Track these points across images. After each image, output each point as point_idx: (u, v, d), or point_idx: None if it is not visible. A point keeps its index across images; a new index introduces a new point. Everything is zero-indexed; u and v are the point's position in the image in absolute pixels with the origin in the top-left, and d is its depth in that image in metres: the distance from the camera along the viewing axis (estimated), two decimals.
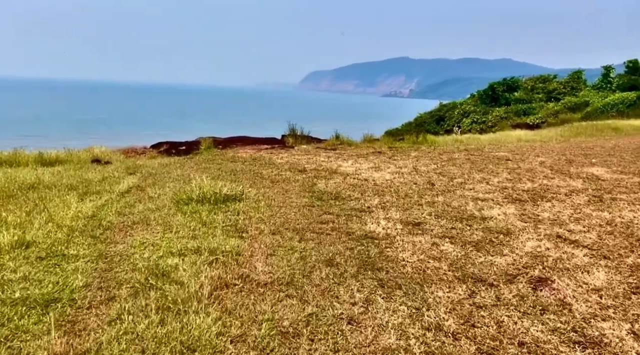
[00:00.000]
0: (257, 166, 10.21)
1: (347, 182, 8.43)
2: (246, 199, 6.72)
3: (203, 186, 6.79)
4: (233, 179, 8.47)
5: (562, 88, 36.55)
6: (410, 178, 8.91)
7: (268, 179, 8.66)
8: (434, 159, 11.43)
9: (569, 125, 24.16)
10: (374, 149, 13.71)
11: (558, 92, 36.33)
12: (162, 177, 8.70)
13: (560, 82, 37.50)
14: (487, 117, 35.09)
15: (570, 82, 36.90)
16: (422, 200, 7.00)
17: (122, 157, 12.62)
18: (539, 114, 32.87)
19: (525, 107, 35.11)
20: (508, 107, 35.68)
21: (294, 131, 16.04)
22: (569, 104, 32.32)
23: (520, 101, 36.62)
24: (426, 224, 5.70)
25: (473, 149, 13.71)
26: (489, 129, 33.07)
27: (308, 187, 7.92)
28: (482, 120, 35.32)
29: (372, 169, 9.90)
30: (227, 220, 5.61)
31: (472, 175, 9.27)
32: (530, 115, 33.08)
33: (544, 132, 19.05)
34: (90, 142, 33.55)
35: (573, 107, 32.00)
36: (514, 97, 37.43)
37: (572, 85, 36.68)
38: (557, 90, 36.47)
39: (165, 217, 5.63)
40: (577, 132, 19.53)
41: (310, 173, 9.39)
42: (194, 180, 7.87)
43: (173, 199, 6.53)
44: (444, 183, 8.43)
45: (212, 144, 13.75)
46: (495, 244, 4.94)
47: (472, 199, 7.11)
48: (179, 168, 9.94)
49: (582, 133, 19.13)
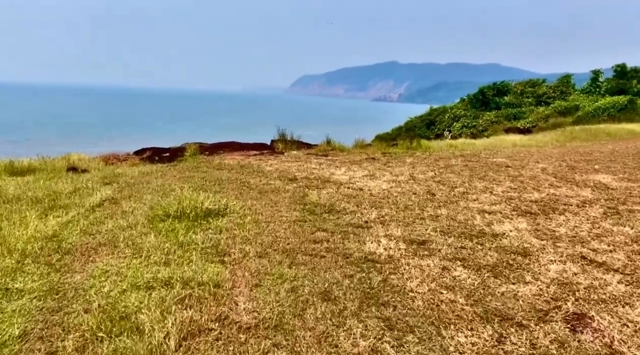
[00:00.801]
0: (245, 174, 9.48)
1: (341, 193, 7.73)
2: (231, 214, 6.00)
3: (182, 199, 6.05)
4: (217, 190, 7.74)
5: (551, 92, 36.28)
6: (408, 187, 8.24)
7: (256, 190, 7.93)
8: (431, 166, 10.79)
9: (561, 129, 23.73)
10: (367, 155, 13.05)
11: (548, 96, 36.05)
12: (141, 187, 7.93)
13: (550, 86, 37.24)
14: (478, 121, 34.67)
15: (560, 86, 36.65)
16: (424, 214, 6.33)
17: (101, 164, 11.82)
18: (529, 118, 32.51)
19: (516, 111, 34.76)
20: (498, 111, 35.30)
21: (283, 136, 15.33)
22: (559, 108, 32.00)
23: (510, 105, 36.27)
24: (432, 243, 5.01)
25: (469, 154, 13.11)
26: (480, 133, 32.67)
27: (299, 199, 7.22)
28: (473, 124, 34.90)
29: (367, 177, 9.22)
30: (208, 240, 4.88)
31: (474, 183, 8.62)
32: (520, 120, 32.73)
33: (538, 137, 18.54)
34: (76, 147, 32.55)
35: (563, 111, 31.67)
36: (504, 101, 37.08)
37: (561, 90, 36.43)
38: (546, 95, 36.19)
39: (137, 238, 4.88)
40: (571, 136, 19.07)
41: (301, 182, 8.68)
42: (173, 192, 7.14)
43: (148, 215, 5.78)
44: (445, 193, 7.77)
45: (197, 150, 12.98)
46: (514, 268, 4.27)
47: (478, 212, 6.45)
48: (160, 177, 9.17)
49: (576, 138, 18.67)
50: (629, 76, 36.10)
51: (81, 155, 12.14)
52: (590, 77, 37.88)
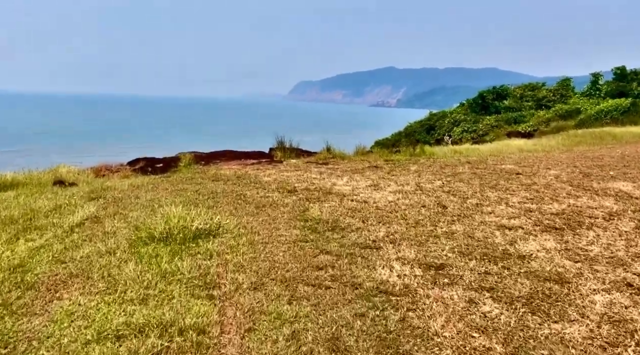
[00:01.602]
0: (241, 186, 8.83)
1: (344, 206, 7.08)
2: (223, 234, 5.34)
3: (170, 218, 5.40)
4: (211, 205, 7.08)
5: (551, 96, 35.74)
6: (416, 199, 7.59)
7: (252, 204, 7.28)
8: (437, 174, 10.15)
9: (565, 133, 23.13)
10: (369, 162, 12.41)
11: (548, 99, 35.50)
12: (128, 203, 7.27)
13: (550, 89, 36.70)
14: (478, 125, 34.11)
15: (560, 89, 36.11)
16: (437, 230, 5.68)
17: (91, 176, 11.16)
18: (530, 122, 31.96)
19: (516, 115, 34.23)
20: (498, 116, 34.77)
21: (282, 144, 14.70)
22: (560, 112, 31.44)
23: (510, 109, 35.74)
24: (451, 268, 4.36)
25: (476, 161, 12.47)
26: (481, 137, 32.10)
27: (299, 214, 6.57)
28: (473, 128, 34.34)
29: (371, 188, 8.57)
30: (195, 268, 4.22)
31: (486, 193, 7.98)
32: (521, 123, 32.18)
33: (544, 141, 17.92)
34: (72, 157, 31.96)
35: (564, 114, 31.12)
36: (503, 105, 36.55)
37: (561, 93, 35.89)
38: (546, 98, 35.64)
39: (114, 267, 4.23)
40: (577, 140, 18.45)
41: (301, 194, 8.03)
42: (162, 209, 6.48)
43: (131, 237, 5.12)
44: (456, 205, 7.12)
45: (192, 160, 12.33)
46: (553, 301, 3.61)
47: (497, 227, 5.80)
48: (151, 191, 8.51)
49: (583, 142, 18.04)
50: (629, 79, 35.56)
51: (70, 167, 11.47)
52: (590, 80, 37.38)
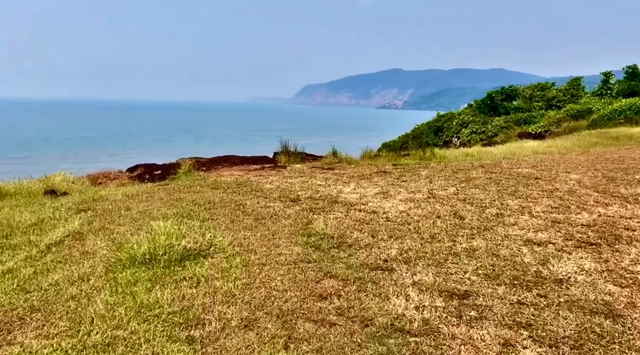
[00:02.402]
0: (241, 195, 8.21)
1: (351, 217, 6.43)
2: (215, 254, 4.70)
3: (156, 236, 4.77)
4: (206, 217, 6.46)
5: (562, 96, 34.85)
6: (429, 208, 6.92)
7: (251, 215, 6.65)
8: (450, 179, 9.46)
9: (577, 133, 22.32)
10: (377, 167, 11.74)
11: (558, 99, 34.62)
12: (117, 216, 6.67)
13: (560, 89, 35.81)
14: (487, 127, 33.32)
15: (570, 89, 35.20)
16: (456, 246, 5.01)
17: (86, 184, 10.61)
18: (541, 123, 31.11)
19: (526, 116, 33.39)
20: (507, 116, 33.93)
21: (286, 148, 14.06)
22: (571, 112, 30.53)
23: (519, 110, 34.89)
24: (478, 296, 3.69)
25: (489, 164, 11.76)
26: (489, 139, 31.32)
27: (302, 227, 5.92)
28: (482, 130, 33.56)
29: (379, 196, 7.91)
30: (178, 299, 3.59)
31: (505, 201, 7.28)
32: (531, 124, 31.33)
33: (558, 143, 17.15)
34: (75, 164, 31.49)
35: (576, 114, 30.22)
36: (512, 106, 35.73)
37: (572, 93, 34.98)
38: (557, 98, 34.77)
39: (83, 298, 3.60)
40: (592, 141, 17.66)
41: (305, 203, 7.39)
42: (153, 222, 5.86)
43: (110, 259, 4.50)
44: (475, 215, 6.44)
45: (192, 166, 11.73)
46: (607, 344, 2.94)
47: (524, 242, 5.12)
48: (145, 201, 7.91)
49: (599, 143, 17.25)
50: None
51: (66, 175, 10.91)
52: (601, 79, 36.48)
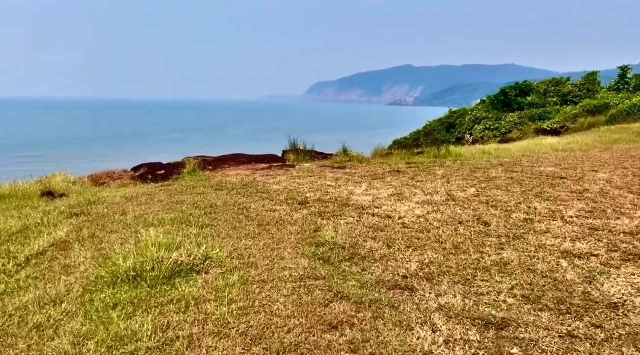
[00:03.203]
0: (246, 197, 7.62)
1: (364, 223, 5.80)
2: (211, 268, 4.12)
3: (145, 248, 4.20)
4: (206, 223, 5.88)
5: (577, 91, 33.74)
6: (449, 212, 6.26)
7: (255, 220, 6.06)
8: (469, 180, 8.78)
9: (597, 130, 21.42)
10: (390, 166, 11.09)
11: (574, 95, 33.52)
12: (111, 221, 6.12)
13: (575, 84, 34.69)
14: (501, 123, 32.36)
15: (586, 84, 34.07)
16: (484, 259, 4.36)
17: (87, 185, 10.12)
18: (556, 119, 30.11)
19: (540, 111, 32.35)
20: (522, 113, 32.93)
21: (295, 146, 13.46)
22: (588, 107, 29.50)
23: (534, 106, 33.87)
24: (519, 326, 3.05)
25: (509, 163, 11.03)
26: (503, 135, 30.42)
27: (310, 235, 5.31)
28: (495, 126, 32.61)
29: (394, 198, 7.26)
30: (161, 329, 3.00)
31: (532, 204, 6.60)
32: (546, 120, 30.33)
33: (578, 139, 16.30)
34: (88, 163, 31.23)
35: (593, 110, 29.18)
36: (527, 101, 34.70)
37: (588, 88, 33.85)
38: (572, 93, 33.67)
39: (50, 327, 3.04)
40: (614, 137, 16.78)
41: (314, 206, 6.78)
42: (145, 231, 5.29)
43: (90, 276, 3.94)
44: (500, 221, 5.77)
45: (198, 165, 11.18)
46: None
47: (562, 254, 4.45)
48: (144, 204, 7.37)
49: (621, 139, 16.37)
50: None
51: (67, 175, 10.45)
52: (618, 73, 35.25)
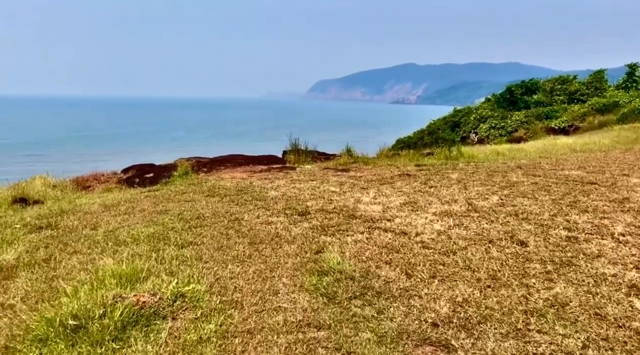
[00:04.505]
0: (239, 205, 6.64)
1: (375, 241, 4.81)
2: (183, 310, 3.14)
3: (102, 280, 3.22)
4: (188, 240, 4.90)
5: (585, 89, 32.61)
6: (474, 227, 5.26)
7: (247, 237, 5.07)
8: (488, 185, 7.77)
9: (609, 129, 20.36)
10: (398, 168, 10.09)
11: (581, 93, 32.39)
12: (78, 237, 5.15)
13: (583, 82, 33.55)
14: (507, 121, 31.25)
15: (594, 82, 32.93)
16: (534, 297, 3.36)
17: (69, 189, 9.15)
18: (564, 117, 29.00)
19: (547, 110, 31.24)
20: (528, 111, 31.81)
21: (296, 146, 12.46)
22: (597, 106, 28.39)
23: (540, 104, 32.76)
24: None
25: (527, 165, 10.02)
26: (509, 134, 29.37)
27: (310, 257, 4.33)
28: (501, 125, 31.49)
29: (407, 208, 6.26)
30: None
31: (570, 216, 5.59)
32: (553, 119, 29.23)
33: (595, 139, 15.25)
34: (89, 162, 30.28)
35: (602, 108, 28.08)
36: (533, 100, 33.58)
37: (595, 86, 32.72)
38: (580, 92, 32.54)
39: None
40: (631, 137, 15.72)
41: (316, 218, 5.79)
42: (119, 249, 4.31)
43: (22, 323, 2.96)
44: (538, 239, 4.76)
45: (191, 167, 10.20)
46: None
47: (630, 289, 3.45)
48: (124, 213, 6.39)
49: (639, 139, 15.32)
50: None
51: (47, 179, 9.47)
52: (626, 71, 34.10)
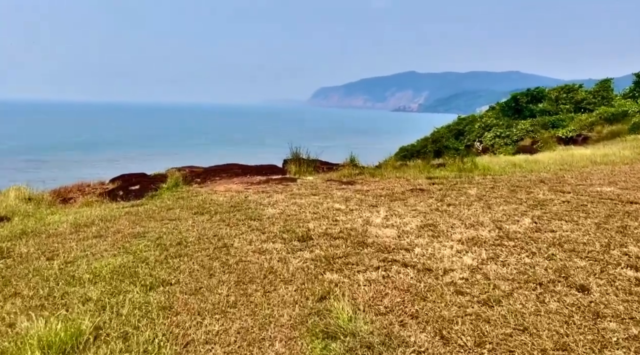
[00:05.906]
0: (230, 226, 5.61)
1: (394, 283, 3.77)
2: None
3: (23, 349, 2.19)
4: (161, 277, 3.87)
5: (591, 98, 31.63)
6: (514, 263, 4.22)
7: (234, 272, 4.04)
8: (513, 203, 6.73)
9: (622, 139, 19.33)
10: (409, 182, 9.06)
11: (588, 102, 31.42)
12: (27, 272, 4.12)
13: (589, 91, 32.59)
14: (512, 130, 30.24)
15: (600, 91, 31.95)
16: None
17: (45, 202, 8.12)
18: (570, 126, 27.98)
19: (553, 119, 30.24)
20: (534, 120, 30.82)
21: (297, 155, 11.41)
22: (605, 115, 27.37)
23: (546, 113, 31.78)
24: None
25: (551, 179, 8.98)
26: (515, 143, 28.38)
27: (312, 308, 3.29)
28: (507, 133, 30.48)
29: (426, 232, 5.22)
30: None
31: (628, 249, 4.54)
32: (559, 128, 28.21)
33: (614, 150, 14.20)
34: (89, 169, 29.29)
35: (610, 118, 27.07)
36: (538, 108, 32.61)
37: (602, 95, 31.74)
38: (586, 100, 31.56)
39: None
40: None
41: (319, 246, 4.75)
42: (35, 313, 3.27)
43: None
44: (600, 281, 3.72)
45: (182, 178, 9.18)
46: None
47: None
48: (94, 236, 5.36)
49: None
50: None
51: (23, 190, 8.44)
52: (633, 80, 33.15)
